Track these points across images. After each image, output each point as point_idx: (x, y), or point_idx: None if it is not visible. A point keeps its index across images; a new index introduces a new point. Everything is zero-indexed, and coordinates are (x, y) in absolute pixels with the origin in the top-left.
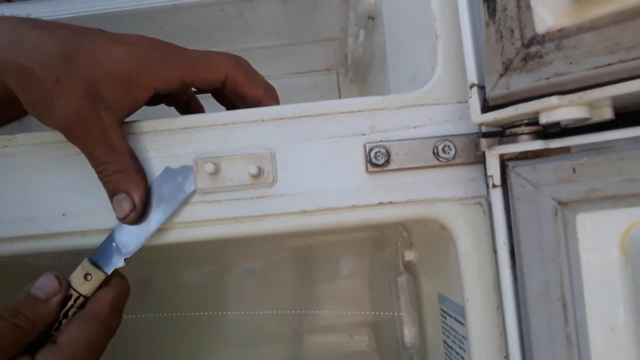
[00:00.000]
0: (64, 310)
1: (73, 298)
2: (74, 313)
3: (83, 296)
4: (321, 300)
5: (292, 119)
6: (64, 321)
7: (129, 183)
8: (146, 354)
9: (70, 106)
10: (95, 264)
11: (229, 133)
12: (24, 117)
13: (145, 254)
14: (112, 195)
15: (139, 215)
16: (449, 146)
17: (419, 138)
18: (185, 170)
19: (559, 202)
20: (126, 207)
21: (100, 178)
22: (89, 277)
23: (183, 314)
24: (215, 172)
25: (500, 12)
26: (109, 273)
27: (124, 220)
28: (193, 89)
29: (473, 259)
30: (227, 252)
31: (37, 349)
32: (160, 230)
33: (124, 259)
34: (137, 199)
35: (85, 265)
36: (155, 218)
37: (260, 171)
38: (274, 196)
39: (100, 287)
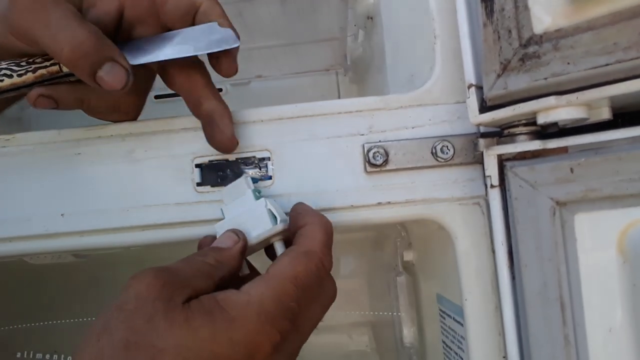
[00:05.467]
0: None
1: None
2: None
3: None
4: None
5: (291, 119)
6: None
7: (110, 48)
8: None
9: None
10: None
11: None
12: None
13: (144, 254)
14: (94, 72)
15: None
16: (447, 146)
17: (417, 138)
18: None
19: (557, 202)
20: (120, 72)
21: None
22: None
23: None
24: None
25: (497, 12)
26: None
27: (123, 88)
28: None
29: (471, 259)
30: None
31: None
32: (159, 229)
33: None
34: (124, 61)
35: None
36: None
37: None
38: (272, 196)
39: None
